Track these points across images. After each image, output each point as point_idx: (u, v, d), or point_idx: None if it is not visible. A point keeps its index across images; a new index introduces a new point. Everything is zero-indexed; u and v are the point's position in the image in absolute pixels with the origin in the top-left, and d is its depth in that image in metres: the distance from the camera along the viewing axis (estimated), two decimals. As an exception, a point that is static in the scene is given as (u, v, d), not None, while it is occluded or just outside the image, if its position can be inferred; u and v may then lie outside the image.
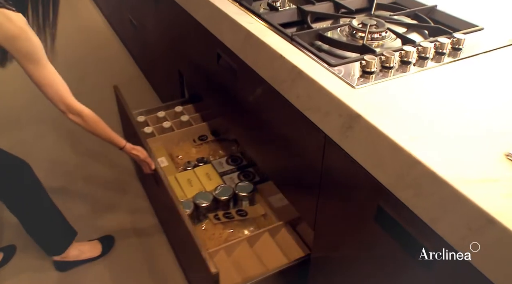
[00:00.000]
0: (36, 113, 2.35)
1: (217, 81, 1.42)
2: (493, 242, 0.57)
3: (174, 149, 1.78)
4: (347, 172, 0.86)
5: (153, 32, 2.07)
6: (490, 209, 0.56)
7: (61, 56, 2.99)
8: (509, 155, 0.65)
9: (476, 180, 0.61)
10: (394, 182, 0.71)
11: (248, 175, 1.62)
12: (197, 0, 1.32)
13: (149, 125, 1.83)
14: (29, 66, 1.07)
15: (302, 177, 1.06)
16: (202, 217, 1.46)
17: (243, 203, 1.49)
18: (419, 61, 0.92)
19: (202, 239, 1.37)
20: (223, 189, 1.50)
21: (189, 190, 1.54)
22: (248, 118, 1.28)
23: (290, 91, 0.94)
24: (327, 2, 1.22)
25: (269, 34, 1.04)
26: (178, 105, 1.93)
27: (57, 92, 1.14)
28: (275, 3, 1.24)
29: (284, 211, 1.45)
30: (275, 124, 1.11)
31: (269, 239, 1.34)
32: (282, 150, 1.13)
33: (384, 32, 1.06)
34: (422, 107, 0.77)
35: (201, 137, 1.82)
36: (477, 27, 1.05)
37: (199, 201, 1.45)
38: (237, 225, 1.43)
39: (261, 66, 1.05)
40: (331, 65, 0.90)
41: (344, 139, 0.80)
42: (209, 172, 1.62)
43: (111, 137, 1.30)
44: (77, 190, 1.91)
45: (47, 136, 2.22)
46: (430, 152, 0.66)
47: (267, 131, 1.18)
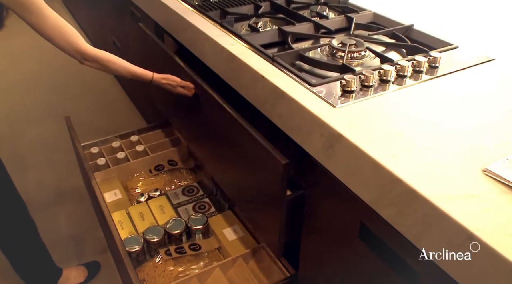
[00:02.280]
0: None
1: (183, 104, 1.42)
2: (473, 257, 0.57)
3: (129, 181, 1.71)
4: (331, 191, 0.87)
5: (135, 53, 2.08)
6: (470, 225, 0.57)
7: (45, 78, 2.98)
8: (486, 170, 0.67)
9: (455, 196, 0.63)
10: (377, 200, 0.72)
11: (203, 206, 1.57)
12: (180, 22, 1.34)
13: (104, 156, 1.75)
14: (31, 17, 1.02)
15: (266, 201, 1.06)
16: (154, 252, 1.39)
17: (197, 236, 1.44)
18: (398, 79, 0.94)
19: (153, 276, 1.30)
20: (175, 222, 1.44)
21: (140, 224, 1.48)
22: (215, 142, 1.29)
23: (272, 111, 0.95)
24: (307, 23, 1.24)
25: (250, 55, 1.05)
26: (135, 134, 1.86)
27: (67, 40, 1.08)
28: (256, 24, 1.26)
29: (238, 244, 1.41)
30: (238, 149, 1.11)
31: (221, 274, 1.28)
32: (243, 174, 1.13)
33: (364, 51, 1.08)
34: (401, 125, 0.78)
35: (157, 167, 1.74)
36: (452, 45, 1.08)
37: (149, 236, 1.38)
38: (189, 261, 1.36)
39: (243, 87, 1.06)
40: (312, 85, 0.91)
41: (327, 158, 0.81)
42: (162, 204, 1.57)
43: (136, 72, 1.21)
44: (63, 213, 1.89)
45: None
46: (410, 170, 0.68)
47: (232, 153, 1.18)
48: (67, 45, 1.08)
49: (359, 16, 1.29)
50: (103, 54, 1.13)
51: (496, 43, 1.11)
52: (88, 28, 3.48)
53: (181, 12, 1.33)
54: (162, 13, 1.47)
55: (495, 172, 0.66)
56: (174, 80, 1.24)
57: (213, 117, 1.19)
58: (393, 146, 0.73)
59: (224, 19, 1.26)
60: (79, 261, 1.64)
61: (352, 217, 0.83)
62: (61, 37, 1.07)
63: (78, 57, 1.11)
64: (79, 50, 1.09)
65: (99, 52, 1.13)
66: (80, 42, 1.09)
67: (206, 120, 1.26)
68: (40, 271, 1.48)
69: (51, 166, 2.14)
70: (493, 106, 0.84)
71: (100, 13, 2.72)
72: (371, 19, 1.32)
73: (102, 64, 1.14)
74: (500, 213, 0.60)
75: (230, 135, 1.12)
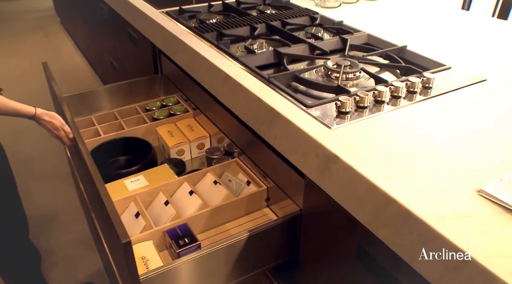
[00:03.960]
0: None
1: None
2: (468, 278, 0.58)
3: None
4: (327, 211, 0.87)
5: (133, 74, 2.10)
6: (465, 246, 0.58)
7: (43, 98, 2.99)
8: (480, 191, 0.67)
9: (450, 217, 0.63)
10: (372, 220, 0.72)
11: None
12: (177, 44, 1.35)
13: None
14: None
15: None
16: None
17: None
18: (392, 100, 0.95)
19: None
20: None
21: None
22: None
23: (268, 132, 0.96)
24: (303, 44, 1.26)
25: (246, 76, 1.06)
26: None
27: None
28: (252, 46, 1.27)
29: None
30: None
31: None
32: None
33: (358, 72, 1.09)
34: (396, 145, 0.79)
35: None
36: (444, 66, 1.10)
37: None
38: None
39: (240, 108, 1.07)
40: (307, 106, 0.92)
41: (323, 179, 0.82)
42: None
43: (16, 108, 1.13)
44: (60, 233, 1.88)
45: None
46: (405, 190, 0.68)
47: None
48: None
49: (353, 37, 1.31)
50: None
51: (485, 64, 1.13)
52: (86, 49, 3.52)
53: (178, 34, 1.35)
54: (160, 35, 1.49)
55: (490, 193, 0.66)
56: (57, 119, 1.19)
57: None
58: (388, 167, 0.73)
59: (221, 41, 1.28)
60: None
61: (349, 237, 0.83)
62: None
63: None
64: None
65: None
66: None
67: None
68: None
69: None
70: (486, 127, 0.85)
71: (97, 34, 2.75)
72: (365, 40, 1.35)
73: None
74: (495, 234, 0.60)
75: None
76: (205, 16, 1.54)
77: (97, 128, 1.49)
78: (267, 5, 1.69)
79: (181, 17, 1.50)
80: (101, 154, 1.36)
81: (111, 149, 1.42)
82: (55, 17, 4.57)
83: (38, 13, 4.92)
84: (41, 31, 4.33)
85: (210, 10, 1.63)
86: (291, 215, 1.00)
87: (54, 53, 3.76)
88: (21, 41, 4.12)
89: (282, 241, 1.04)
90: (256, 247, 1.00)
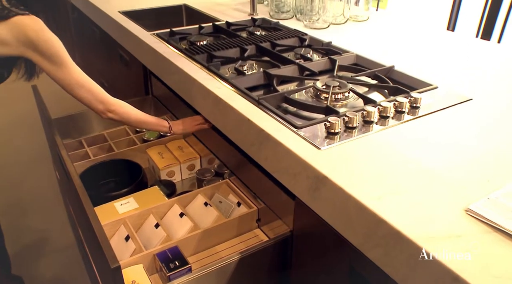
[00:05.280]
0: None
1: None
2: (460, 300, 0.58)
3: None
4: (318, 232, 0.87)
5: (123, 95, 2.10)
6: (455, 266, 0.58)
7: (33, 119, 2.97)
8: (468, 210, 0.68)
9: (439, 237, 0.63)
10: (363, 241, 0.72)
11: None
12: (168, 66, 1.36)
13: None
14: (56, 69, 1.05)
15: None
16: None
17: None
18: (381, 120, 0.97)
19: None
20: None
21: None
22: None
23: (259, 153, 0.96)
24: (292, 65, 1.28)
25: (236, 98, 1.07)
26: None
27: (91, 91, 1.10)
28: (242, 67, 1.29)
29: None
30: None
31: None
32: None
33: (347, 92, 1.11)
34: (385, 165, 0.80)
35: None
36: (431, 85, 1.12)
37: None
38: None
39: (230, 130, 1.07)
40: (297, 127, 0.93)
41: (313, 200, 0.82)
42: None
43: (151, 122, 1.21)
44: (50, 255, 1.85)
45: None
46: (395, 211, 0.68)
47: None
48: (92, 95, 1.12)
49: (342, 58, 1.33)
50: (119, 105, 1.15)
51: (470, 83, 1.15)
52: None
53: (169, 56, 1.37)
54: (150, 56, 1.50)
55: (478, 212, 0.67)
56: (199, 119, 1.25)
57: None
58: (378, 188, 0.74)
59: (211, 63, 1.29)
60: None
61: (340, 257, 0.83)
62: (85, 87, 1.11)
63: (101, 108, 1.14)
64: (103, 100, 1.13)
65: (117, 102, 1.15)
66: (104, 92, 1.13)
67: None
68: None
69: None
70: (473, 145, 0.86)
71: (89, 55, 2.76)
72: (353, 60, 1.37)
73: (120, 116, 1.16)
74: (484, 253, 0.61)
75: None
76: (196, 38, 1.55)
77: (86, 150, 1.48)
78: (257, 26, 1.71)
79: (172, 39, 1.52)
80: (91, 176, 1.35)
81: (101, 171, 1.41)
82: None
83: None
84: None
85: (200, 32, 1.65)
86: (282, 236, 1.00)
87: (44, 74, 3.75)
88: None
89: (273, 262, 1.03)
90: (247, 269, 0.99)
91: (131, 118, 1.18)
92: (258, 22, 1.77)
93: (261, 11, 1.90)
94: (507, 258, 0.60)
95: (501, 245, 0.62)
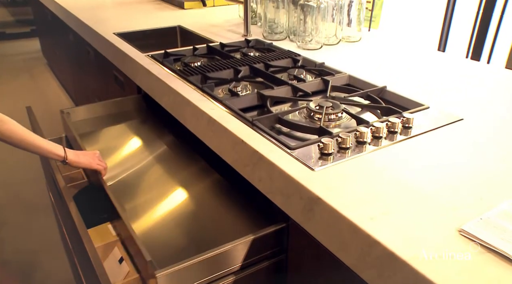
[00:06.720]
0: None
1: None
2: (455, 322, 0.57)
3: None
4: (312, 253, 0.87)
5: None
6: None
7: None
8: (461, 231, 0.68)
9: (433, 258, 0.63)
10: (357, 262, 0.72)
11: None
12: (162, 87, 1.37)
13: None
14: None
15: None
16: None
17: None
18: (374, 140, 0.97)
19: None
20: None
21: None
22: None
23: (253, 174, 0.97)
24: (286, 86, 1.29)
25: (230, 119, 1.08)
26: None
27: None
28: (236, 88, 1.30)
29: None
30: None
31: None
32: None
33: (340, 113, 1.12)
34: (378, 186, 0.80)
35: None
36: (423, 105, 1.13)
37: None
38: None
39: (224, 151, 1.08)
40: (290, 148, 0.93)
41: (307, 221, 0.82)
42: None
43: (46, 148, 1.07)
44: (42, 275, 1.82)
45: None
46: (388, 232, 0.69)
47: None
48: None
49: (335, 79, 1.34)
50: (7, 121, 1.02)
51: (461, 103, 1.17)
52: (72, 90, 3.53)
53: (163, 77, 1.38)
54: (145, 77, 1.51)
55: (470, 232, 0.67)
56: (91, 158, 1.16)
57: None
58: (371, 208, 0.74)
59: (205, 84, 1.30)
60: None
61: (335, 278, 0.83)
62: None
63: None
64: None
65: (5, 118, 1.02)
66: None
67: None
68: None
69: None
70: (465, 165, 0.87)
71: (84, 76, 2.78)
72: (346, 81, 1.38)
73: (2, 134, 1.02)
74: (478, 274, 0.61)
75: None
76: (190, 59, 1.57)
77: (81, 171, 1.48)
78: (251, 47, 1.74)
79: (166, 60, 1.53)
80: (86, 197, 1.34)
81: (95, 192, 1.40)
82: (42, 59, 4.61)
83: (25, 55, 4.96)
84: (27, 73, 4.36)
85: (194, 53, 1.67)
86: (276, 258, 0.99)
87: (40, 94, 3.77)
88: (6, 82, 4.13)
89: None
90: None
91: (14, 137, 1.03)
92: (252, 43, 1.79)
93: (254, 32, 1.93)
94: (501, 279, 0.60)
95: (495, 266, 0.62)
